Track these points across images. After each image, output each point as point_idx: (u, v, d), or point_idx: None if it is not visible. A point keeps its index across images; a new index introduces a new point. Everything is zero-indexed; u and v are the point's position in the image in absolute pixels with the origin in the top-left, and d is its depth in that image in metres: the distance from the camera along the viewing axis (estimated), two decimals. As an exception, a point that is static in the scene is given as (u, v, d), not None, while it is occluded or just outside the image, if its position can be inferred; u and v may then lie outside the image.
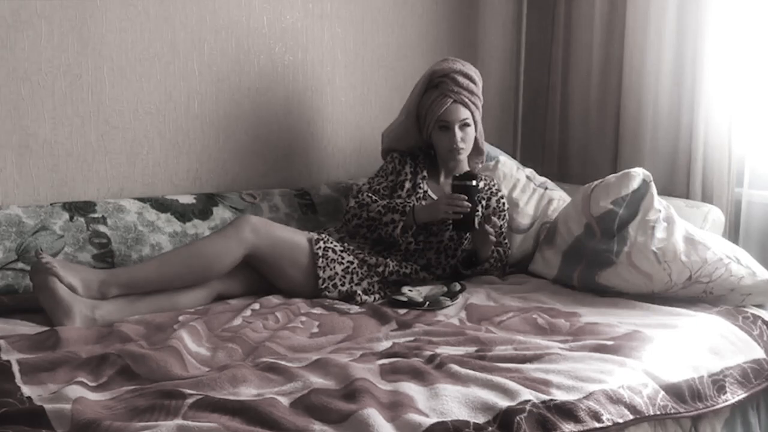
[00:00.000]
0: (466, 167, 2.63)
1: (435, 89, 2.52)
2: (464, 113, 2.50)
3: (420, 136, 2.62)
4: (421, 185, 2.56)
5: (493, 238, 2.44)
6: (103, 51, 2.50)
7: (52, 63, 2.43)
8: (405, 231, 2.47)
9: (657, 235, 2.31)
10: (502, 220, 2.62)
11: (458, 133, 2.50)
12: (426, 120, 2.55)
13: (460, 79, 2.50)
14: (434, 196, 2.57)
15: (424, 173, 2.59)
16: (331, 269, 2.35)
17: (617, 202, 2.40)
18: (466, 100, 2.50)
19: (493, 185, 2.67)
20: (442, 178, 2.63)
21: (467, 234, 2.51)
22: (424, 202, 2.53)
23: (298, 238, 2.38)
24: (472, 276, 2.56)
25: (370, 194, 2.53)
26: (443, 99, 2.49)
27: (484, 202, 2.62)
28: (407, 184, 2.56)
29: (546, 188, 2.83)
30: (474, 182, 2.39)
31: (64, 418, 1.45)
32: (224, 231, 2.28)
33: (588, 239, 2.42)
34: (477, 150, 2.66)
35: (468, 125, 2.51)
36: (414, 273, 2.48)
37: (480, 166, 2.73)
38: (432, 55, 3.15)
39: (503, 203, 2.65)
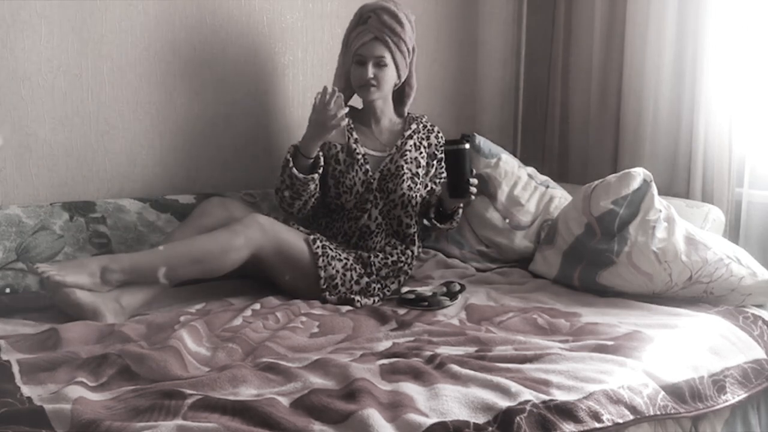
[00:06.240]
0: (388, 110, 2.58)
1: (363, 24, 2.49)
2: (380, 50, 2.45)
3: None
4: (357, 149, 2.50)
5: (474, 197, 2.38)
6: (103, 51, 2.50)
7: (52, 63, 2.43)
8: (307, 171, 2.36)
9: (657, 235, 2.31)
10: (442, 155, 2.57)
11: (371, 69, 2.45)
12: (347, 53, 2.53)
13: (385, 17, 2.44)
14: (376, 154, 2.53)
15: (355, 136, 2.53)
16: (332, 267, 2.34)
17: (618, 202, 2.40)
18: (387, 38, 2.44)
19: (428, 123, 2.63)
20: (373, 125, 2.57)
21: (464, 200, 2.38)
22: (368, 167, 2.49)
23: (298, 239, 2.35)
24: (449, 229, 2.59)
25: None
26: (365, 34, 2.46)
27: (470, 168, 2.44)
28: (341, 156, 2.50)
29: (548, 186, 2.83)
30: (467, 145, 2.32)
31: (64, 418, 1.45)
32: (233, 227, 2.23)
33: (588, 239, 2.42)
34: (402, 98, 2.62)
35: (384, 65, 2.46)
36: (399, 260, 2.46)
37: (406, 116, 2.63)
38: (432, 55, 3.16)
39: (441, 136, 2.63)
